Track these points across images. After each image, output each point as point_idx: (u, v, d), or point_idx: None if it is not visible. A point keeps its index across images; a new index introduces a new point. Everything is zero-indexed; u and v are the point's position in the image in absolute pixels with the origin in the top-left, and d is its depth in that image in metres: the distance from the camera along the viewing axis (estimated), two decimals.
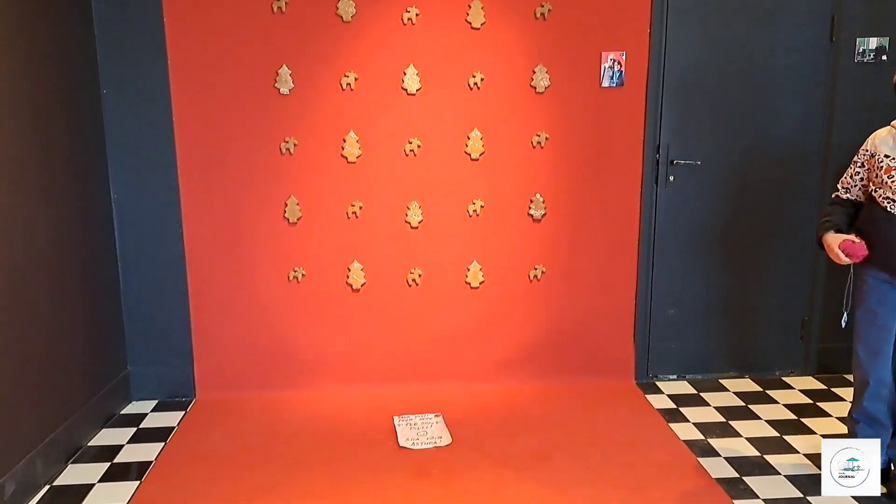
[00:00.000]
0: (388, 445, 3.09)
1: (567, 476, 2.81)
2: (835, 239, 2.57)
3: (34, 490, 2.71)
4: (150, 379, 3.59)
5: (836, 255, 2.55)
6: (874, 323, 2.58)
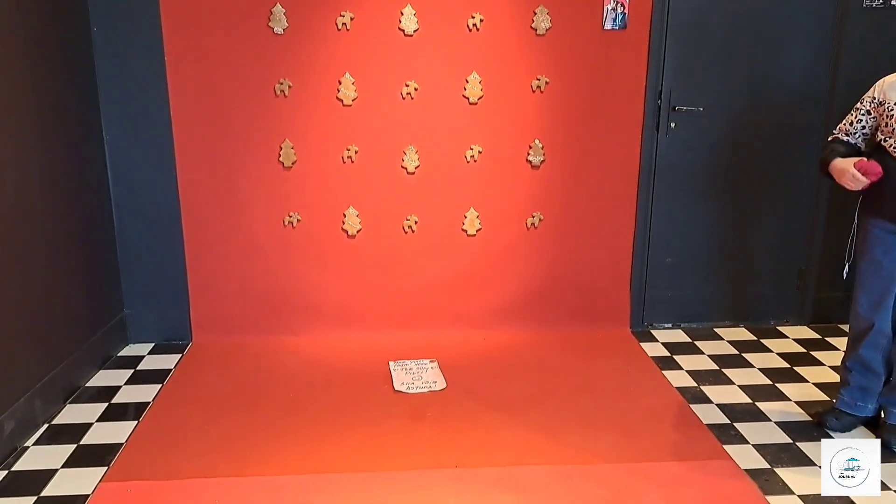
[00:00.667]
0: (383, 389, 3.12)
1: (560, 420, 2.84)
2: (846, 162, 2.48)
3: (33, 428, 2.75)
4: (146, 322, 3.60)
5: (851, 178, 2.45)
6: (879, 274, 2.56)
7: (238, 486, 2.41)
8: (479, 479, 2.45)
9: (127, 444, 2.67)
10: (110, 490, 2.39)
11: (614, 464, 2.54)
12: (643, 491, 2.38)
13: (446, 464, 2.54)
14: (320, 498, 2.34)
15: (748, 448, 2.64)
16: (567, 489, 2.40)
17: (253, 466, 2.52)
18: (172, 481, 2.43)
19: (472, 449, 2.64)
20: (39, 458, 2.58)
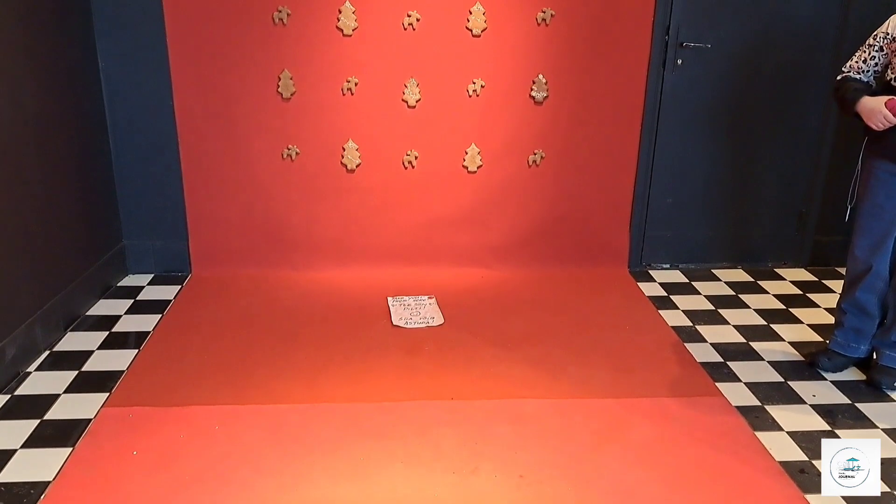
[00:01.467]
0: (381, 324, 3.14)
1: (555, 357, 2.88)
2: (877, 101, 2.39)
3: (34, 355, 2.78)
4: (145, 253, 3.61)
5: (882, 118, 2.36)
6: (880, 216, 2.55)
7: (238, 413, 2.45)
8: (474, 411, 2.49)
9: (128, 372, 2.71)
10: (112, 415, 2.43)
11: (608, 398, 2.58)
12: (635, 424, 2.42)
13: (443, 396, 2.58)
14: (318, 426, 2.39)
15: (740, 386, 2.69)
16: (561, 422, 2.44)
17: (252, 395, 2.56)
18: (173, 408, 2.47)
19: (469, 382, 2.68)
20: (41, 383, 2.62)
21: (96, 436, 2.31)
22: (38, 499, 2.01)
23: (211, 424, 2.38)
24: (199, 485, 2.09)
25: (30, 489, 2.05)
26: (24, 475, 2.11)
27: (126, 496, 2.03)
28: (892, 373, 2.65)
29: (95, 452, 2.23)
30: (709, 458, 2.26)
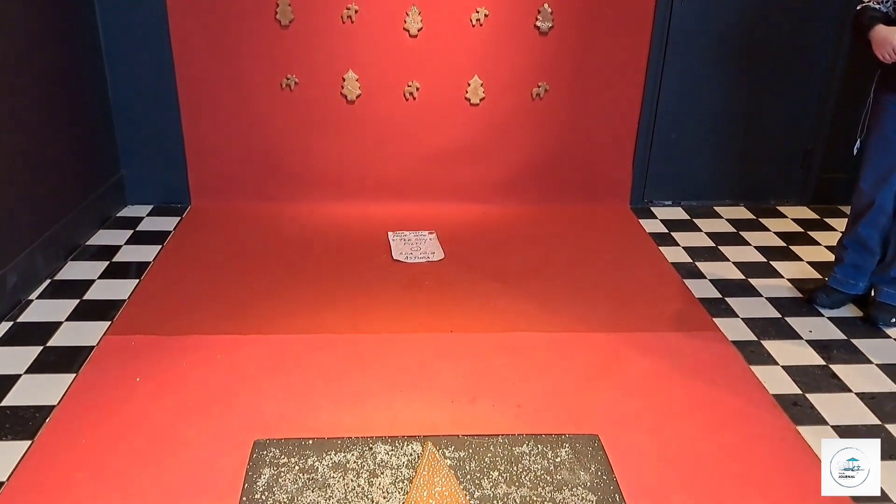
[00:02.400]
0: (381, 258, 3.15)
1: (555, 292, 2.89)
2: (890, 31, 2.32)
3: (36, 283, 2.79)
4: (144, 184, 3.58)
5: (891, 50, 2.31)
6: (887, 150, 2.52)
7: (239, 343, 2.47)
8: (473, 344, 2.51)
9: (129, 301, 2.72)
10: (114, 343, 2.46)
11: (606, 332, 2.60)
12: (631, 357, 2.45)
13: (442, 329, 2.60)
14: (318, 356, 2.42)
15: (737, 321, 2.70)
16: (559, 354, 2.47)
17: (253, 325, 2.58)
18: (175, 336, 2.49)
19: (468, 316, 2.70)
20: (43, 311, 2.64)
21: (99, 363, 2.34)
22: (43, 422, 2.05)
23: (213, 353, 2.41)
24: (201, 411, 2.13)
25: (35, 413, 2.08)
26: (28, 399, 2.14)
27: (130, 421, 2.07)
28: (890, 309, 2.66)
29: (99, 378, 2.26)
30: (703, 390, 2.29)
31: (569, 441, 2.04)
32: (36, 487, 1.82)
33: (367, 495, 1.84)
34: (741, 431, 2.10)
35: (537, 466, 1.95)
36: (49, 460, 1.91)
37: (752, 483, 1.91)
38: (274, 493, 1.83)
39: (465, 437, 2.05)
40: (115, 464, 1.91)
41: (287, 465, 1.93)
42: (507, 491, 1.86)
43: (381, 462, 1.95)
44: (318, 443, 2.01)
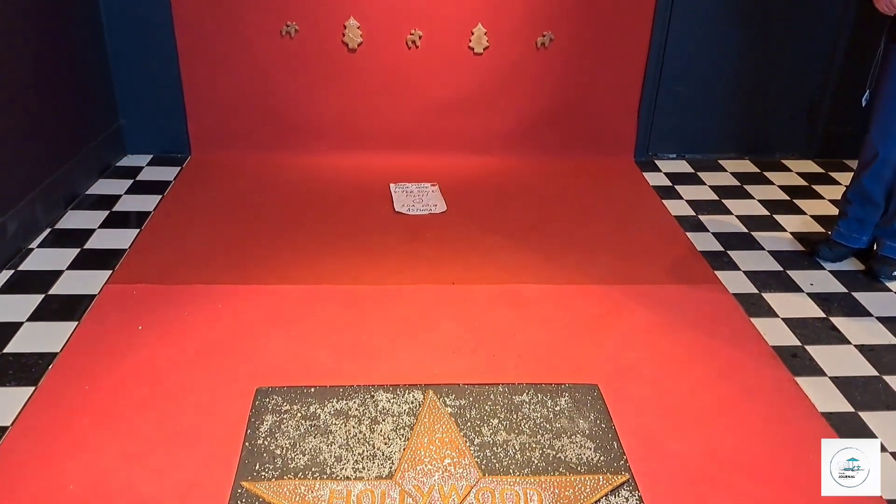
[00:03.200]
0: (383, 210, 3.13)
1: (557, 244, 2.88)
2: None
3: (36, 232, 2.78)
4: (143, 133, 3.55)
5: (887, 3, 2.31)
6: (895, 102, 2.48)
7: (240, 292, 2.47)
8: (475, 295, 2.51)
9: (130, 250, 2.72)
10: (116, 292, 2.46)
11: (607, 285, 2.60)
12: (632, 309, 2.45)
13: (444, 281, 2.60)
14: (320, 306, 2.42)
15: (738, 274, 2.70)
16: (560, 306, 2.47)
17: (254, 276, 2.58)
18: (177, 286, 2.50)
19: (470, 268, 2.69)
20: (44, 259, 2.64)
21: (101, 311, 2.35)
22: (46, 369, 2.06)
23: (214, 303, 2.41)
24: (203, 359, 2.14)
25: (38, 359, 2.10)
26: (31, 346, 2.16)
27: (133, 368, 2.09)
28: (892, 262, 2.66)
29: (101, 326, 2.27)
30: (703, 341, 2.30)
31: (568, 390, 2.06)
32: (40, 432, 1.84)
33: (369, 441, 1.86)
34: (739, 382, 2.12)
35: (537, 415, 1.97)
36: (53, 406, 1.93)
37: (750, 432, 1.93)
38: (276, 438, 1.85)
39: (465, 385, 2.06)
40: (119, 410, 1.93)
41: (289, 411, 1.95)
42: (506, 438, 1.88)
43: (382, 409, 1.97)
44: (319, 390, 2.03)
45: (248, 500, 1.67)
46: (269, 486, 1.70)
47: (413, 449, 1.83)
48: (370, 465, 1.78)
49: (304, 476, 1.74)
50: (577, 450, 1.85)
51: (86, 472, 1.73)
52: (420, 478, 1.74)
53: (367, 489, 1.71)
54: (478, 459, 1.81)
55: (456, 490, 1.71)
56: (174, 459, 1.78)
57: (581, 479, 1.75)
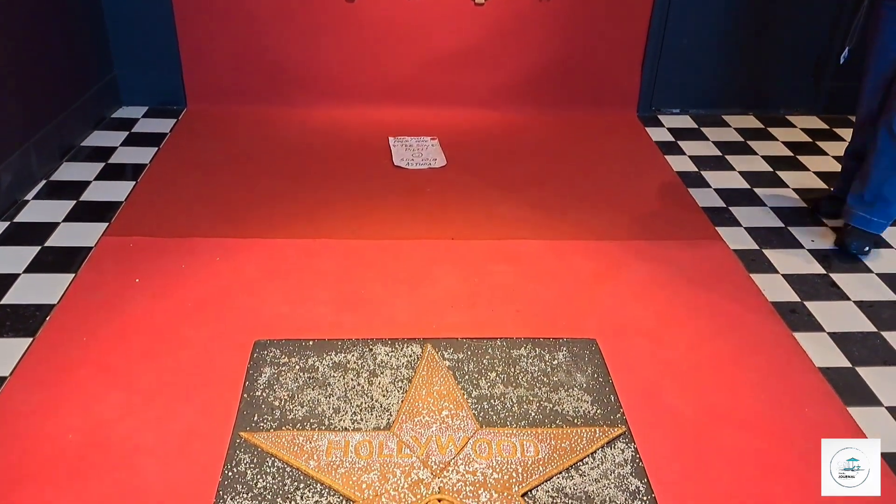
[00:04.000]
0: (382, 164, 3.10)
1: (557, 200, 2.85)
2: None
3: (31, 183, 2.75)
4: (138, 85, 3.49)
5: None
6: (886, 58, 2.41)
7: (238, 246, 2.46)
8: (474, 250, 2.50)
9: (126, 203, 2.70)
10: (113, 244, 2.45)
11: (607, 240, 2.58)
12: (632, 265, 2.44)
13: (443, 236, 2.58)
14: (319, 261, 2.41)
15: (740, 230, 2.68)
16: (559, 261, 2.46)
17: (252, 229, 2.56)
18: (173, 239, 2.48)
19: (470, 223, 2.67)
20: (40, 211, 2.62)
21: (98, 263, 2.34)
22: (44, 320, 2.06)
23: (212, 256, 2.40)
24: (202, 312, 2.14)
25: (35, 311, 2.09)
26: (28, 298, 2.15)
27: (131, 320, 2.08)
28: (864, 235, 2.51)
29: (98, 278, 2.26)
30: (702, 297, 2.29)
31: (566, 344, 2.06)
32: (39, 383, 1.84)
33: (367, 393, 1.86)
34: (738, 337, 2.12)
35: (534, 368, 1.97)
36: (51, 357, 1.93)
37: (746, 387, 1.93)
38: (275, 390, 1.86)
39: (463, 339, 2.06)
40: (117, 361, 1.93)
41: (287, 364, 1.95)
42: (503, 391, 1.89)
43: (380, 362, 1.97)
44: (318, 343, 2.03)
45: (247, 450, 1.68)
46: (267, 436, 1.71)
47: (411, 401, 1.84)
48: (368, 417, 1.79)
49: (302, 427, 1.75)
50: (574, 403, 1.86)
51: (85, 421, 1.74)
52: (418, 429, 1.75)
53: (366, 440, 1.72)
54: (475, 411, 1.82)
55: (453, 441, 1.72)
56: (173, 410, 1.79)
57: (577, 432, 1.76)
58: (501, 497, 1.58)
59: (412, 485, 1.60)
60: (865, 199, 2.47)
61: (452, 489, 1.60)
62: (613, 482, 1.64)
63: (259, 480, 1.61)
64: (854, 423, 1.82)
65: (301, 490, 1.59)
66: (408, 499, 1.57)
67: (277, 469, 1.64)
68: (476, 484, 1.61)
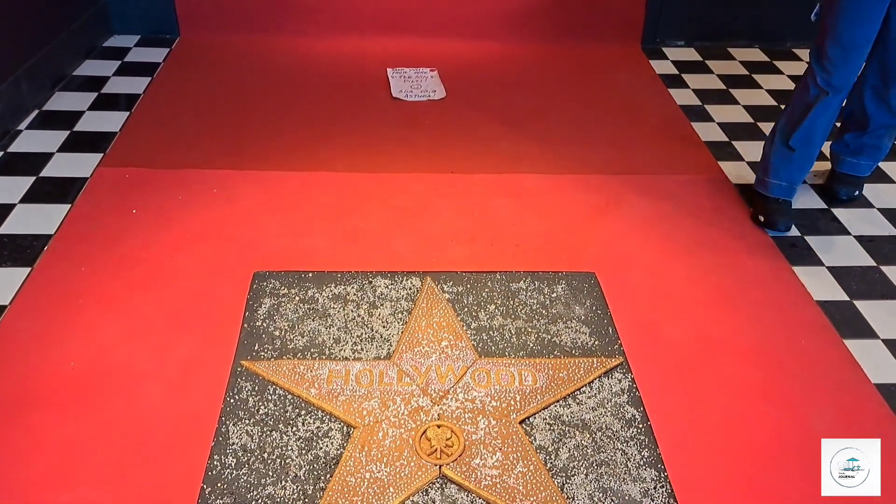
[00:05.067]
0: (380, 96, 3.04)
1: (558, 133, 2.81)
2: None
3: (24, 113, 2.70)
4: (130, 12, 3.38)
5: None
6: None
7: (235, 178, 2.43)
8: (474, 184, 2.48)
9: (121, 133, 2.65)
10: (108, 175, 2.42)
11: (608, 175, 2.56)
12: (632, 199, 2.43)
13: (442, 169, 2.56)
14: (317, 193, 2.39)
15: (742, 165, 2.66)
16: (560, 196, 2.44)
17: (248, 161, 2.53)
18: (170, 170, 2.45)
19: (469, 157, 2.64)
20: (34, 141, 2.58)
21: (94, 194, 2.31)
22: (42, 250, 2.05)
23: (209, 187, 2.37)
24: (200, 243, 2.13)
25: (32, 241, 2.08)
26: (25, 228, 2.13)
27: (129, 251, 2.07)
28: (854, 180, 2.45)
29: (94, 209, 2.24)
30: (702, 231, 2.28)
31: (565, 278, 2.06)
32: (39, 311, 1.85)
33: (367, 324, 1.87)
34: (736, 271, 2.12)
35: (533, 301, 1.98)
36: (50, 287, 1.93)
37: (744, 320, 1.94)
38: (275, 320, 1.87)
39: (463, 273, 2.06)
40: (116, 292, 1.93)
41: (287, 295, 1.95)
42: (502, 323, 1.90)
43: (380, 295, 1.97)
44: (317, 275, 2.03)
45: (249, 378, 1.70)
46: (268, 365, 1.73)
47: (411, 332, 1.85)
48: (368, 347, 1.80)
49: (303, 356, 1.77)
50: (572, 334, 1.87)
51: (86, 349, 1.75)
52: (418, 359, 1.77)
53: (366, 369, 1.74)
54: (474, 342, 1.83)
55: (452, 370, 1.74)
56: (173, 339, 1.80)
57: (575, 362, 1.78)
58: (499, 424, 1.61)
59: (412, 412, 1.63)
60: (851, 147, 2.40)
61: (451, 416, 1.62)
62: (610, 410, 1.66)
63: (261, 407, 1.63)
64: (849, 354, 1.84)
65: (303, 416, 1.61)
66: (408, 425, 1.60)
67: (279, 396, 1.66)
68: (475, 411, 1.64)
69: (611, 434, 1.61)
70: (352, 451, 1.53)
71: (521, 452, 1.55)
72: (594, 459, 1.55)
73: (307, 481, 1.48)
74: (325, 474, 1.50)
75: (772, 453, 1.59)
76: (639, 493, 1.49)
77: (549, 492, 1.47)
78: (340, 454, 1.53)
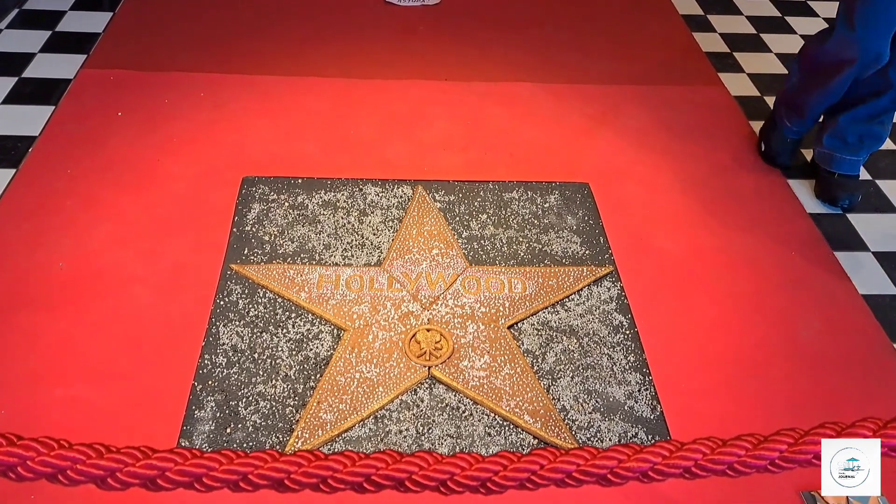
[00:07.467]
0: (372, 0, 2.93)
1: (556, 42, 2.73)
2: None
3: (3, 12, 2.61)
4: None
5: None
6: None
7: (223, 81, 2.37)
8: (468, 92, 2.42)
9: (105, 34, 2.57)
10: (92, 77, 2.35)
11: (606, 84, 2.50)
12: (629, 110, 2.38)
13: (436, 77, 2.49)
14: (306, 98, 2.33)
15: (742, 77, 2.60)
16: (555, 105, 2.39)
17: (237, 65, 2.46)
18: (155, 73, 2.38)
19: (464, 64, 2.57)
20: (14, 41, 2.50)
21: (78, 96, 2.26)
22: (26, 152, 2.01)
23: (196, 91, 2.31)
24: (187, 147, 2.09)
25: (17, 143, 2.04)
26: (9, 129, 2.09)
27: (115, 153, 2.04)
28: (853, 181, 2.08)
29: (79, 111, 2.19)
30: (698, 143, 2.25)
31: (559, 188, 2.04)
32: (27, 213, 1.83)
33: (358, 231, 1.86)
34: (731, 184, 2.10)
35: (525, 211, 1.96)
36: (36, 188, 1.90)
37: (735, 232, 1.94)
38: (264, 226, 1.86)
39: (455, 182, 2.04)
40: (104, 194, 1.90)
41: (276, 201, 1.93)
42: (493, 232, 1.89)
43: (371, 202, 1.95)
44: (307, 181, 2.00)
45: (239, 281, 1.70)
46: (258, 269, 1.73)
47: (402, 239, 1.84)
48: (359, 254, 1.80)
49: (293, 261, 1.76)
50: (563, 244, 1.87)
51: (75, 251, 1.74)
52: (408, 266, 1.77)
53: (356, 274, 1.74)
54: (465, 251, 1.83)
55: (443, 277, 1.74)
56: (162, 242, 1.79)
57: (565, 270, 1.78)
58: (488, 328, 1.62)
59: (402, 316, 1.64)
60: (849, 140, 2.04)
61: (441, 321, 1.64)
62: (598, 317, 1.68)
63: (251, 309, 1.64)
64: (839, 266, 1.85)
65: (293, 319, 1.62)
66: (398, 328, 1.61)
67: (269, 300, 1.66)
68: (464, 316, 1.65)
69: (598, 339, 1.63)
70: (342, 353, 1.55)
71: (508, 356, 1.57)
72: (580, 363, 1.58)
73: (297, 380, 1.51)
74: (315, 374, 1.52)
75: (756, 360, 1.62)
76: (623, 395, 1.52)
77: (534, 392, 1.50)
78: (331, 355, 1.55)
